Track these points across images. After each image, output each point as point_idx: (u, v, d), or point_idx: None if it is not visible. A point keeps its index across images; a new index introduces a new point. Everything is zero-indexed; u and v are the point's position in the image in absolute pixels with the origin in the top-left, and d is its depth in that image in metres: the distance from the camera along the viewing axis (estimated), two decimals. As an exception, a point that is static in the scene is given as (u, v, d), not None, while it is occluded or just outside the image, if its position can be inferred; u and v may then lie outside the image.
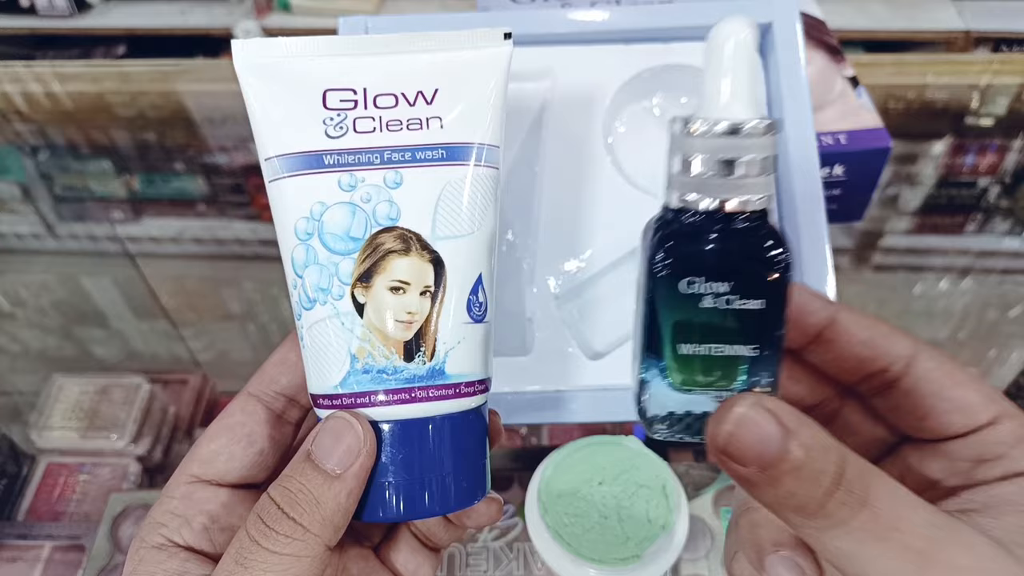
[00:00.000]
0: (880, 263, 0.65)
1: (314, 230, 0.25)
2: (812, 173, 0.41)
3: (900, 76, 0.71)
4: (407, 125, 0.26)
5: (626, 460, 0.40)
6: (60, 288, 0.69)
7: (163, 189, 0.75)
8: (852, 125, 0.51)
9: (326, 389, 0.25)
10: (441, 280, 0.25)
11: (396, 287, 0.25)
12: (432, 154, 0.26)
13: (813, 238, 0.40)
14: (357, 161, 0.25)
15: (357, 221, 0.25)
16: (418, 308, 0.25)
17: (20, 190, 0.75)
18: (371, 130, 0.25)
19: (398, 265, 0.25)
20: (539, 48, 0.43)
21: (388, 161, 0.25)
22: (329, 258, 0.25)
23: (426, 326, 0.25)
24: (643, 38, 0.43)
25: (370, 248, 0.25)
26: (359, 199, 0.25)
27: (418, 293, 0.25)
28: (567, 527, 0.38)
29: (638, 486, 0.39)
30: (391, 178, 0.25)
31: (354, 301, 0.25)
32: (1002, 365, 0.57)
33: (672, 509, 0.38)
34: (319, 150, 0.25)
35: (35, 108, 0.76)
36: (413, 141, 0.25)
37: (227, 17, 1.48)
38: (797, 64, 0.42)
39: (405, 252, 0.25)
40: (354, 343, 0.25)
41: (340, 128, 0.25)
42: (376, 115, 0.25)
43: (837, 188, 0.53)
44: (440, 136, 0.26)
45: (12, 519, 0.49)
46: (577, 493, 0.39)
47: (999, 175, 0.68)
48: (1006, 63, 0.76)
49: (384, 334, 0.25)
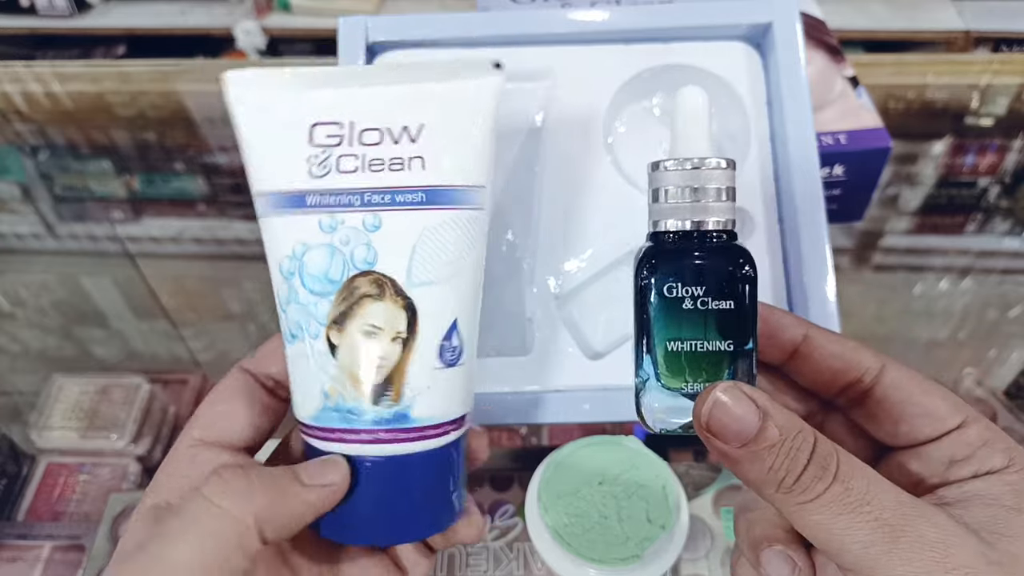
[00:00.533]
0: (880, 263, 0.65)
1: (295, 269, 0.26)
2: (812, 173, 0.41)
3: (900, 76, 0.71)
4: (389, 165, 0.25)
5: (626, 460, 0.40)
6: (60, 288, 0.69)
7: (163, 189, 0.75)
8: (852, 125, 0.51)
9: (303, 418, 0.26)
10: (414, 327, 0.25)
11: (369, 331, 0.25)
12: (412, 197, 0.25)
13: (813, 238, 0.40)
14: (338, 203, 0.25)
15: (335, 264, 0.25)
16: (389, 354, 0.25)
17: (20, 190, 0.75)
18: (353, 170, 0.25)
19: (372, 310, 0.25)
20: (539, 48, 0.43)
21: (368, 204, 0.25)
22: (308, 298, 0.25)
23: (396, 371, 0.25)
24: (643, 38, 0.43)
25: (346, 291, 0.25)
26: (338, 241, 0.25)
27: (390, 339, 0.25)
28: (567, 527, 0.38)
29: (638, 486, 0.39)
30: (370, 221, 0.25)
31: (328, 342, 0.25)
32: (1002, 365, 0.57)
33: (672, 509, 0.38)
34: (302, 190, 0.25)
35: (35, 108, 0.76)
36: (394, 183, 0.25)
37: (227, 17, 1.48)
38: (797, 64, 0.42)
39: (379, 297, 0.25)
40: (326, 382, 0.25)
41: (323, 167, 0.25)
42: (360, 153, 0.25)
43: (837, 188, 0.53)
44: (421, 178, 0.25)
45: (12, 519, 0.49)
46: (577, 493, 0.39)
47: (999, 175, 0.68)
48: (1006, 63, 0.76)
49: (355, 377, 0.25)
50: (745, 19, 0.42)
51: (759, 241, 0.41)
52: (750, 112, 0.43)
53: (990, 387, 0.53)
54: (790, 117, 0.41)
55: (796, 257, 0.40)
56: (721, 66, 0.43)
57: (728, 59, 0.43)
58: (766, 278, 0.41)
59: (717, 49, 0.43)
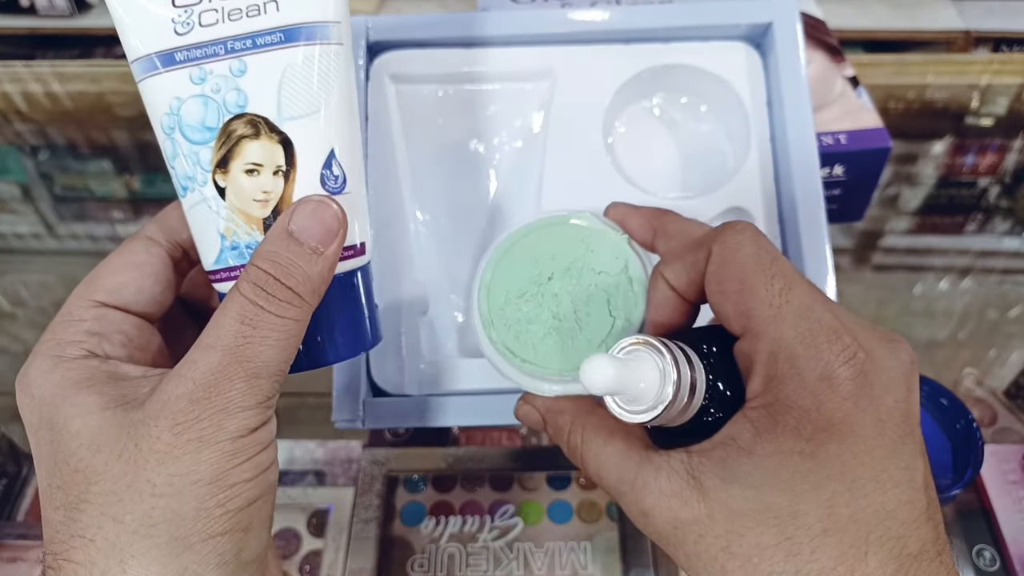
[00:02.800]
0: (880, 263, 0.65)
1: (175, 124, 0.28)
2: (812, 173, 0.41)
3: (900, 76, 0.71)
4: (247, 12, 0.27)
5: (578, 243, 0.32)
6: (60, 288, 0.69)
7: (163, 189, 0.75)
8: (852, 125, 0.51)
9: (209, 266, 0.28)
10: (292, 159, 0.27)
11: (251, 169, 0.27)
12: (271, 39, 0.27)
13: (813, 237, 0.40)
14: (204, 54, 0.27)
15: (210, 112, 0.27)
16: (272, 187, 0.27)
17: (20, 190, 0.75)
18: (215, 22, 0.27)
19: (250, 149, 0.27)
20: (539, 48, 0.43)
21: (232, 51, 0.27)
22: (190, 148, 0.27)
23: (281, 203, 0.27)
24: (643, 38, 0.43)
25: (224, 136, 0.27)
26: (210, 91, 0.27)
27: (271, 173, 0.27)
28: (518, 341, 0.31)
29: (595, 273, 0.32)
30: (236, 67, 0.27)
31: (216, 186, 0.27)
32: (1002, 365, 0.57)
33: (639, 295, 0.31)
34: (170, 48, 0.27)
35: (35, 108, 0.76)
36: (252, 28, 0.27)
37: (227, 17, 1.48)
38: (797, 63, 0.42)
39: (255, 136, 0.27)
40: (221, 224, 0.28)
41: (187, 25, 0.27)
42: (219, 6, 0.27)
43: (837, 188, 0.53)
44: (276, 20, 0.27)
45: (12, 519, 0.49)
46: (523, 296, 0.32)
47: (999, 175, 0.68)
48: (1006, 63, 0.76)
49: (245, 213, 0.27)
50: (745, 19, 0.42)
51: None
52: (750, 112, 0.43)
53: (990, 387, 0.53)
54: (790, 116, 0.41)
55: (796, 256, 0.40)
56: (721, 66, 0.43)
57: (728, 59, 0.43)
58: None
59: (717, 49, 0.43)
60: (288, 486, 0.47)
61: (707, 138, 0.45)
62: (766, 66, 0.43)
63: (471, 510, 0.45)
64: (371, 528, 0.44)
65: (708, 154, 0.45)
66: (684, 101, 0.45)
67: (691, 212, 0.41)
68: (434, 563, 0.43)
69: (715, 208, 0.42)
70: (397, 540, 0.44)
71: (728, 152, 0.45)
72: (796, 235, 0.40)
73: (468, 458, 0.47)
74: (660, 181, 0.44)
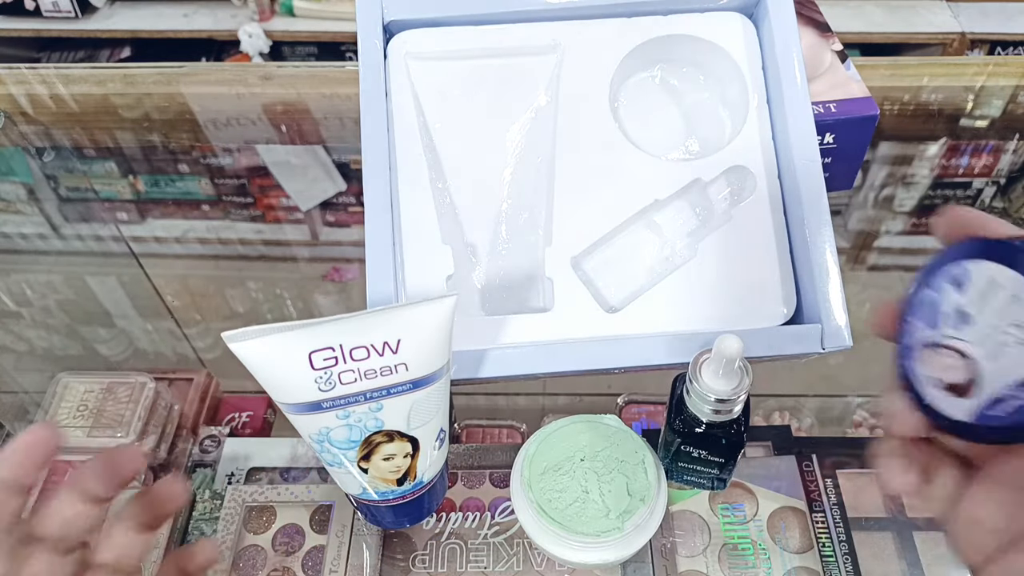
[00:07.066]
0: (875, 263, 0.66)
1: (324, 438, 0.36)
2: (807, 130, 0.43)
3: (896, 79, 0.71)
4: (380, 372, 0.34)
5: (606, 438, 0.41)
6: (65, 288, 0.70)
7: (167, 190, 0.76)
8: (841, 95, 0.52)
9: (351, 494, 0.40)
10: (417, 447, 0.37)
11: (387, 458, 0.37)
12: (402, 388, 0.35)
13: (811, 189, 0.42)
14: (347, 402, 0.35)
15: (353, 433, 0.36)
16: (402, 464, 0.38)
17: (26, 191, 0.75)
18: (353, 380, 0.34)
19: (387, 448, 0.37)
20: (545, 24, 0.45)
21: (370, 399, 0.35)
22: (337, 451, 0.36)
23: (409, 471, 0.38)
24: (644, 11, 0.45)
25: (365, 444, 0.36)
26: (353, 421, 0.35)
27: (402, 457, 0.37)
28: (550, 502, 0.39)
29: (618, 461, 0.40)
30: (374, 408, 0.35)
31: (360, 468, 0.37)
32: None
33: (651, 483, 0.39)
34: (316, 400, 0.34)
35: (40, 110, 0.76)
36: (387, 383, 0.35)
37: (231, 20, 1.49)
38: (790, 30, 0.44)
39: (390, 440, 0.36)
40: (364, 484, 0.38)
41: (329, 384, 0.34)
42: (355, 367, 0.34)
43: (828, 156, 0.54)
44: (406, 376, 0.35)
45: (19, 515, 0.49)
46: (560, 469, 0.40)
47: (994, 176, 0.69)
48: (1001, 65, 0.77)
49: (383, 480, 0.38)
50: (738, -10, 0.44)
51: (761, 195, 0.43)
52: (747, 78, 0.45)
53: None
54: (786, 79, 0.43)
55: (796, 207, 0.42)
56: (718, 35, 0.45)
57: (724, 29, 0.45)
58: (768, 227, 0.43)
59: (714, 20, 0.46)
60: (291, 483, 0.47)
61: (707, 104, 0.47)
62: (760, 35, 0.45)
63: (472, 506, 0.46)
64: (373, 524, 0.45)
65: (709, 119, 0.47)
66: (684, 71, 0.47)
67: (695, 172, 0.44)
68: (435, 559, 0.44)
69: (717, 168, 0.44)
70: (399, 536, 0.45)
71: (727, 117, 0.46)
72: (795, 188, 0.42)
73: (469, 455, 0.48)
74: (664, 145, 0.46)
